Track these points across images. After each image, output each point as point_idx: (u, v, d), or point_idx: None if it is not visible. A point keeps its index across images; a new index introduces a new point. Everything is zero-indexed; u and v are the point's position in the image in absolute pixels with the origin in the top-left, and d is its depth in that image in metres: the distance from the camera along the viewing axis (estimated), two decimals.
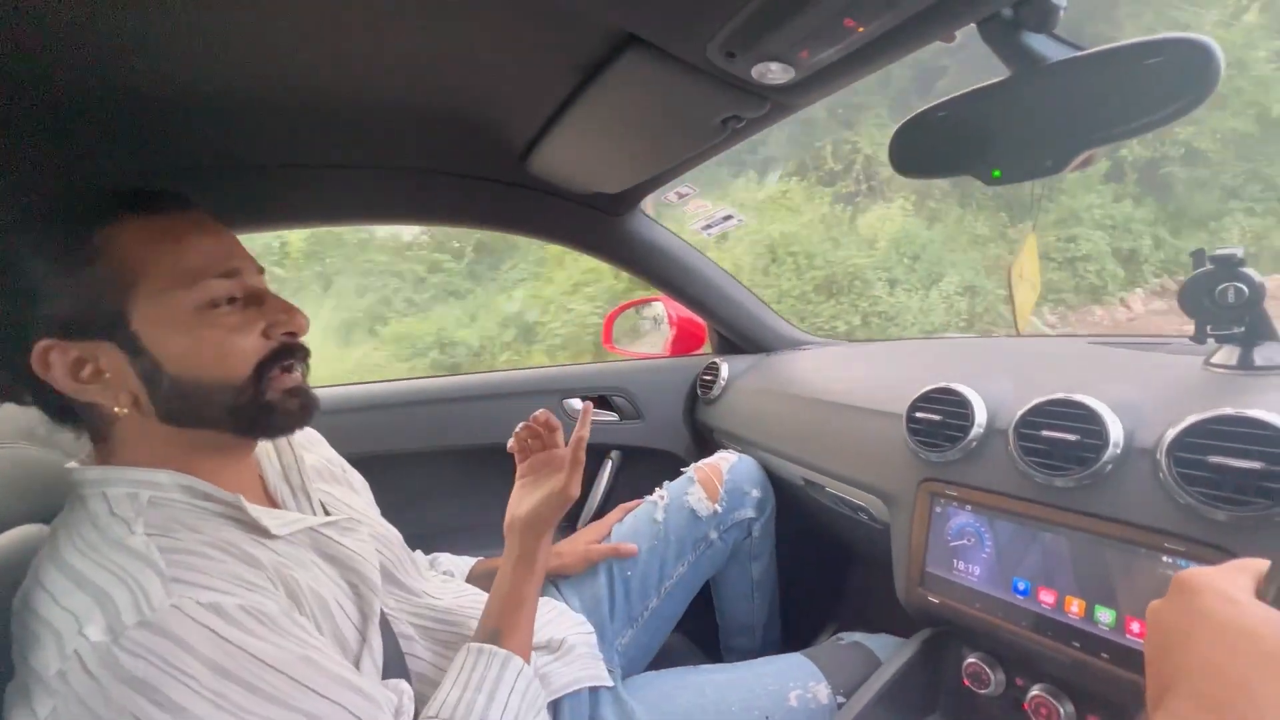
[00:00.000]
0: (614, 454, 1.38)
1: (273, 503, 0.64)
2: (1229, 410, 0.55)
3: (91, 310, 0.50)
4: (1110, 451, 0.61)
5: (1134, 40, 0.48)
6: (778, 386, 1.20)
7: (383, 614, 0.66)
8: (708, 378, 1.39)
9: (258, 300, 0.57)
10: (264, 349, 0.56)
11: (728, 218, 1.17)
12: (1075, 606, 0.62)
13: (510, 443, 0.82)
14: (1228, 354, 0.66)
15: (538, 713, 0.64)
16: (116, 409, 0.52)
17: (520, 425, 0.81)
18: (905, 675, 0.75)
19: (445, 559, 0.96)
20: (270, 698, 0.43)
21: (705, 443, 1.43)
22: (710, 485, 1.06)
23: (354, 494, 0.79)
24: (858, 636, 0.91)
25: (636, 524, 1.04)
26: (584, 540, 0.99)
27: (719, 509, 1.05)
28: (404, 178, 0.99)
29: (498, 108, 0.79)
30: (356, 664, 0.56)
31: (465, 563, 0.96)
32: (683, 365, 1.47)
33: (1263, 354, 0.64)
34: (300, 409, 0.59)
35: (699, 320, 1.50)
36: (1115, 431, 0.62)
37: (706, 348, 1.55)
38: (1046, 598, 0.65)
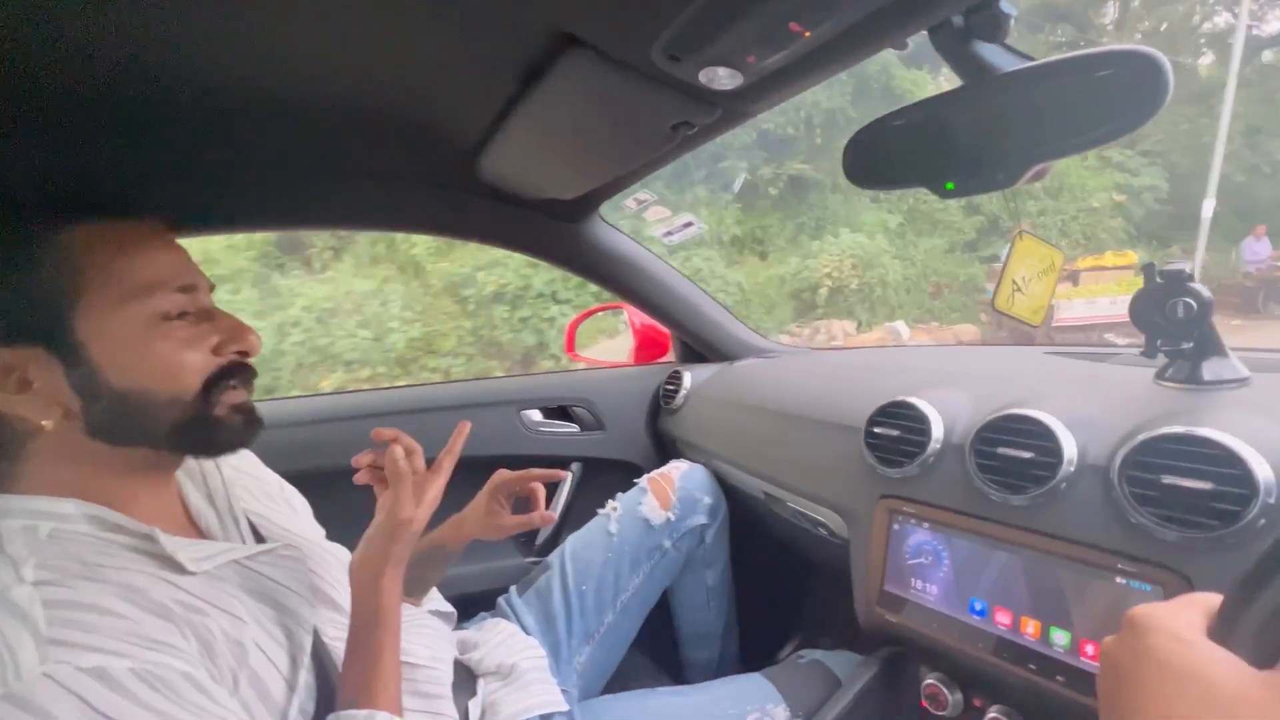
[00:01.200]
0: (574, 467, 1.34)
1: (196, 529, 0.59)
2: (1180, 429, 0.54)
3: (29, 316, 0.47)
4: (1064, 470, 0.60)
5: (1084, 51, 0.47)
6: (739, 396, 1.18)
7: (322, 644, 0.62)
8: (670, 387, 1.37)
9: (209, 317, 0.55)
10: (213, 365, 0.54)
11: (688, 224, 1.14)
12: (1031, 628, 0.61)
13: (359, 474, 0.67)
14: (1177, 369, 0.66)
15: None
16: (44, 422, 0.48)
17: (366, 452, 0.67)
18: (863, 697, 0.73)
19: None
20: None
21: (667, 453, 1.40)
22: (662, 494, 1.05)
23: (293, 514, 0.74)
24: (818, 654, 0.89)
25: (590, 537, 1.02)
26: (473, 519, 0.83)
27: (672, 516, 1.03)
28: (351, 182, 0.94)
29: (442, 110, 0.76)
30: (284, 714, 0.52)
31: None
32: (646, 374, 1.45)
33: (1210, 369, 0.64)
34: (245, 425, 0.57)
35: (663, 328, 1.47)
36: (1069, 449, 0.61)
37: (671, 356, 1.53)
38: (1003, 618, 0.63)
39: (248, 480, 0.70)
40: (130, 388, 0.50)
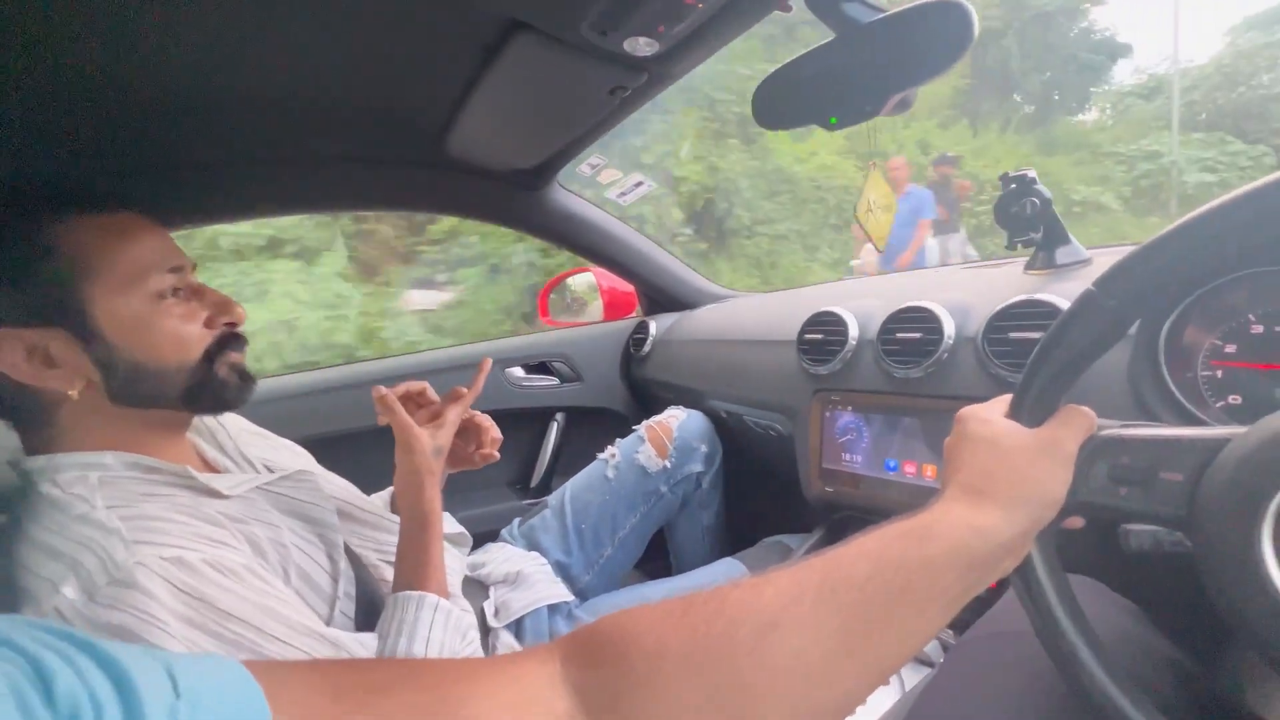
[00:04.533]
0: (558, 415, 1.47)
1: (215, 472, 0.67)
2: (1022, 296, 0.69)
3: (48, 300, 0.54)
4: (945, 343, 0.75)
5: (914, 4, 0.61)
6: (698, 335, 1.32)
7: (351, 550, 0.72)
8: (639, 337, 1.50)
9: (199, 294, 0.62)
10: (209, 337, 0.61)
11: (639, 184, 1.27)
12: (929, 472, 0.77)
13: (382, 418, 0.73)
14: (1037, 258, 0.81)
15: (464, 636, 0.66)
16: (71, 392, 0.55)
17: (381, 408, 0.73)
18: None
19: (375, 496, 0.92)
20: (236, 646, 0.47)
21: (642, 396, 1.54)
22: (659, 443, 1.11)
23: (297, 458, 0.82)
24: (780, 537, 1.05)
25: (589, 481, 1.09)
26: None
27: (668, 465, 1.10)
28: (324, 167, 1.03)
29: (408, 94, 0.86)
30: (333, 600, 0.62)
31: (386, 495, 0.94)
32: (616, 328, 1.58)
33: (1062, 254, 0.80)
34: (241, 383, 0.64)
35: (628, 287, 1.60)
36: (949, 327, 0.76)
37: (638, 311, 1.66)
38: (909, 469, 0.79)
39: (250, 436, 0.78)
40: (143, 359, 0.56)
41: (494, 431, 0.84)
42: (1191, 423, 0.56)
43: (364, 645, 0.59)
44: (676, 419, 1.14)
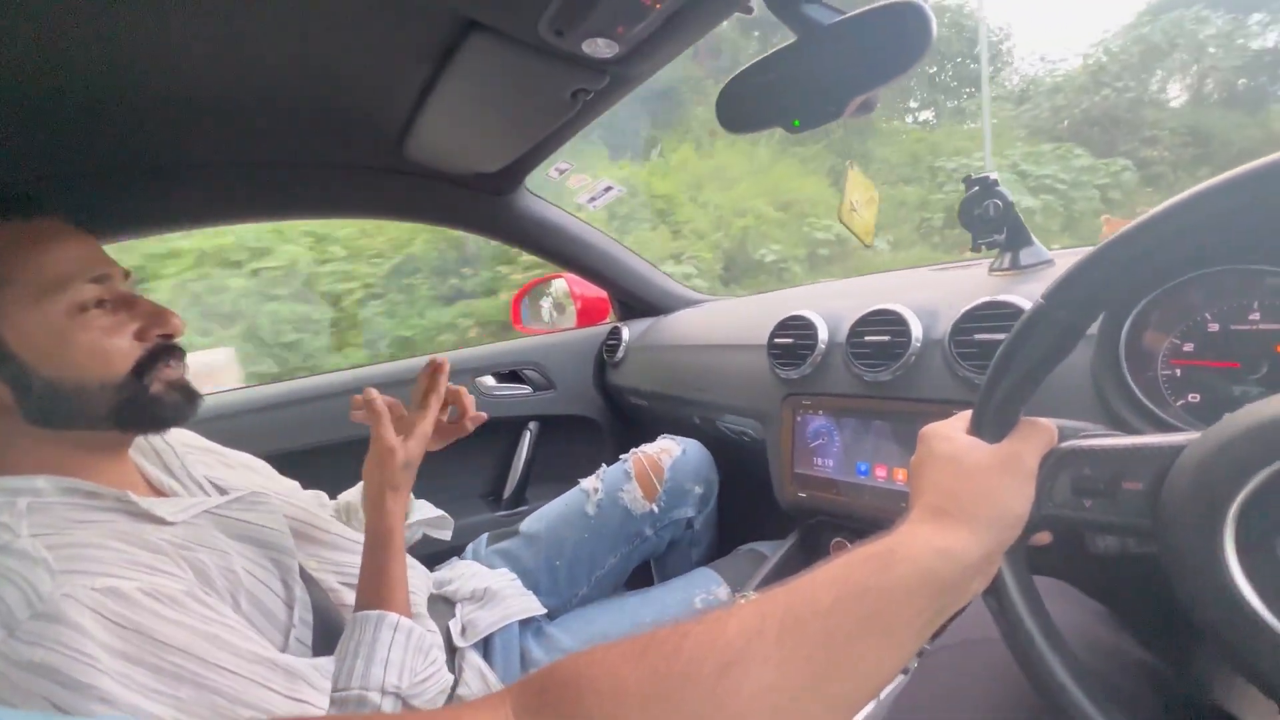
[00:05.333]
0: (531, 425, 1.45)
1: (160, 495, 0.64)
2: (986, 298, 0.69)
3: None
4: (913, 345, 0.75)
5: (875, 5, 0.60)
6: (671, 341, 1.31)
7: (309, 574, 0.68)
8: (612, 343, 1.49)
9: (128, 304, 0.58)
10: (140, 350, 0.57)
11: (608, 189, 1.25)
12: (900, 476, 0.76)
13: (355, 413, 0.72)
14: (1003, 259, 0.82)
15: (426, 655, 0.64)
16: None
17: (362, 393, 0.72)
18: (784, 564, 0.87)
19: (343, 496, 0.92)
20: (178, 678, 0.44)
21: (616, 403, 1.52)
22: (647, 482, 1.01)
23: (253, 474, 0.79)
24: (754, 545, 1.04)
25: (567, 514, 1.01)
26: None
27: (655, 509, 1.00)
28: (279, 173, 1.00)
29: (365, 97, 0.83)
30: (287, 629, 0.59)
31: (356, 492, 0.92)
32: (589, 335, 1.56)
33: (1026, 255, 0.80)
34: (184, 400, 0.60)
35: (601, 293, 1.58)
36: (916, 329, 0.76)
37: (612, 317, 1.64)
38: (881, 473, 0.78)
39: (200, 454, 0.74)
40: (60, 377, 0.52)
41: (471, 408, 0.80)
42: (1153, 422, 0.56)
43: (319, 670, 0.56)
44: (670, 455, 1.04)
